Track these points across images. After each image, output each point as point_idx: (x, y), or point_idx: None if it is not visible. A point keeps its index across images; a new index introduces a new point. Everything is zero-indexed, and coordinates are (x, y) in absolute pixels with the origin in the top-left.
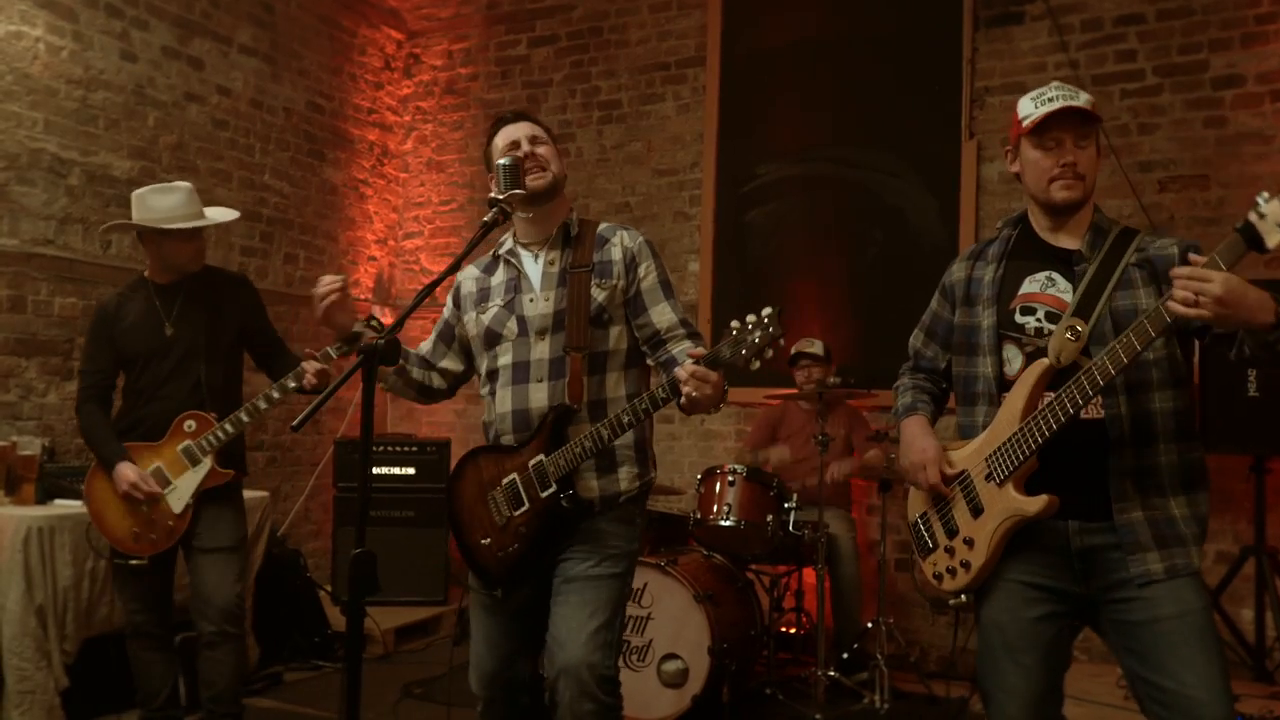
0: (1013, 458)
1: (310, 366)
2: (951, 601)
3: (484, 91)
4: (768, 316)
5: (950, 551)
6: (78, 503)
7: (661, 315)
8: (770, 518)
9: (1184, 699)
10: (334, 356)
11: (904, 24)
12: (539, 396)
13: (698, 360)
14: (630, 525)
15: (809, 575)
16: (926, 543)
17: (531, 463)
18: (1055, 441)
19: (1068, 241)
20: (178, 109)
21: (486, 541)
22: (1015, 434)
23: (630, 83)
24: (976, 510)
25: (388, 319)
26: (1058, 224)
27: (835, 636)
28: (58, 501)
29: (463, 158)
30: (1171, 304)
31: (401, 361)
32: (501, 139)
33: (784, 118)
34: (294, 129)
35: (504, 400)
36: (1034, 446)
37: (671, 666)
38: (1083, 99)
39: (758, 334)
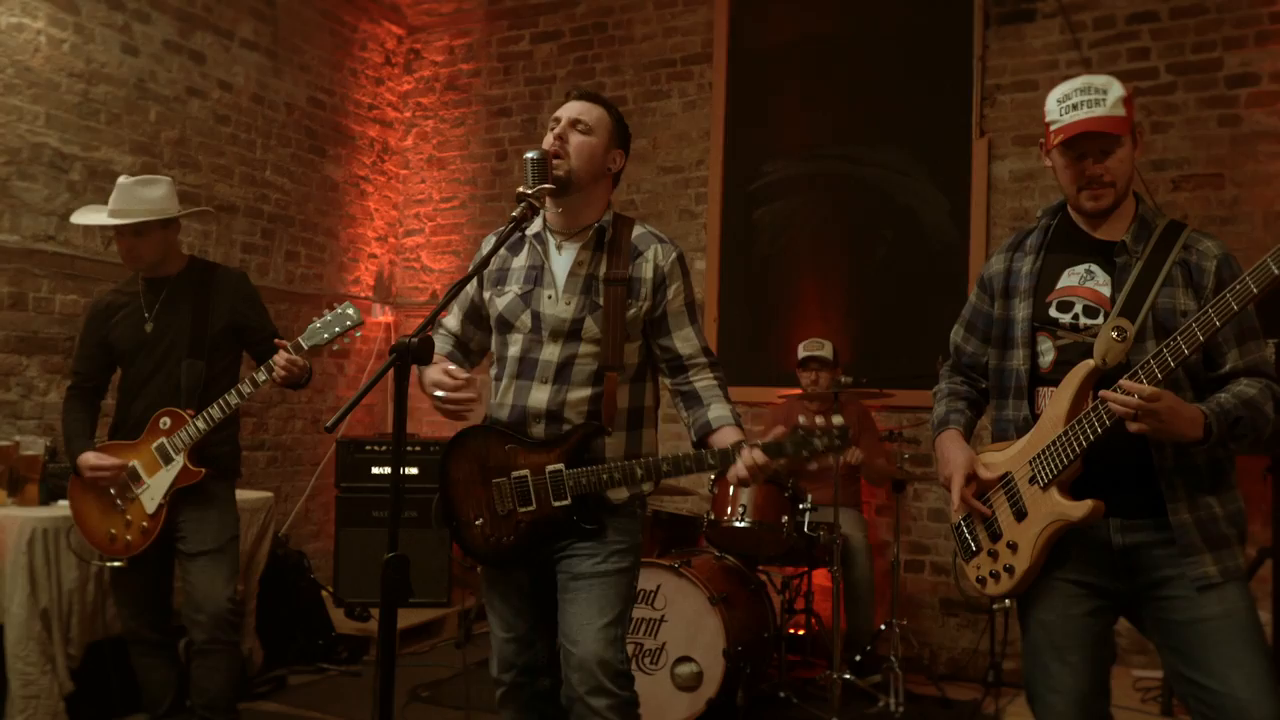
0: (1057, 461)
1: (280, 359)
2: (995, 606)
3: (486, 88)
4: (839, 430)
5: (994, 555)
6: None
7: (685, 342)
8: (785, 519)
9: (1230, 700)
10: (304, 347)
11: (914, 21)
12: (539, 398)
13: (757, 446)
14: (631, 519)
15: (818, 576)
16: (970, 546)
17: (550, 468)
18: (1101, 443)
19: (1109, 233)
20: (179, 103)
21: (479, 522)
22: (1060, 437)
23: (635, 79)
24: (1020, 514)
25: (387, 317)
26: (1098, 218)
27: (847, 638)
28: (61, 502)
29: (464, 154)
30: (1113, 405)
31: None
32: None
33: (792, 115)
34: (295, 124)
35: (505, 393)
36: (1079, 450)
37: (686, 670)
38: (1109, 101)
39: (823, 441)
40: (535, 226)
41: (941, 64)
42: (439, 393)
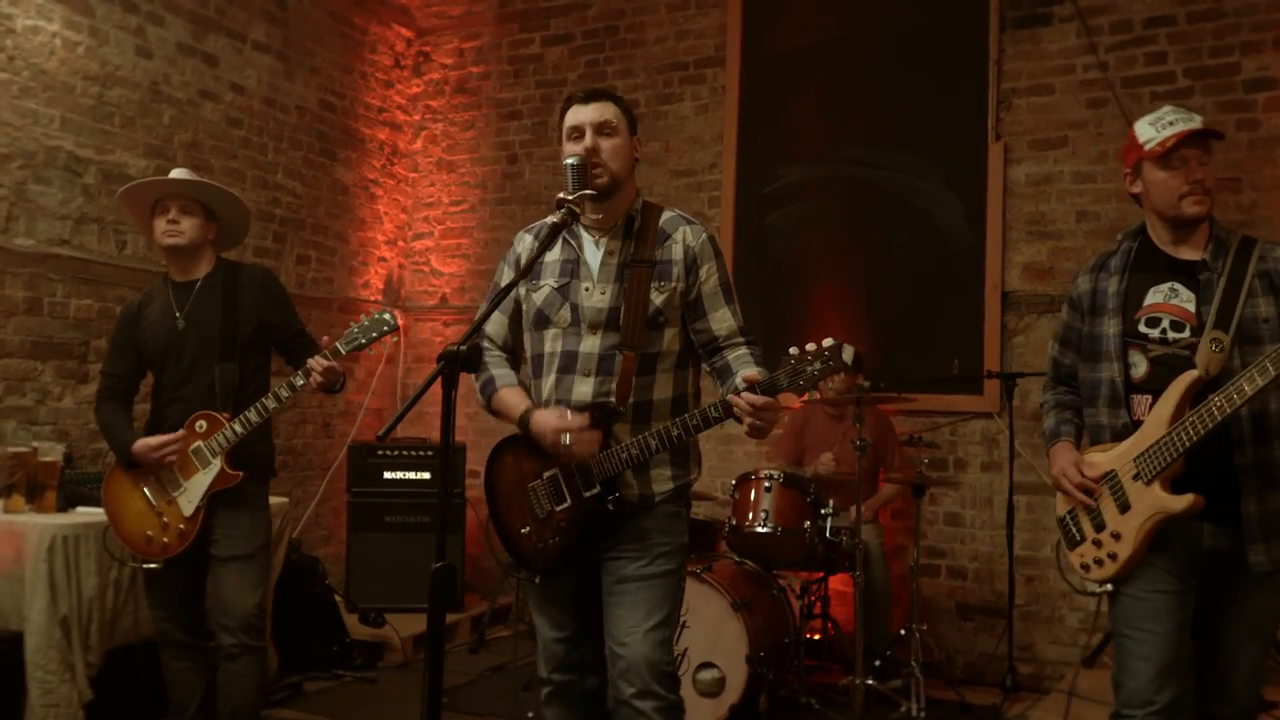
0: (1161, 459)
1: (317, 364)
2: (1098, 589)
3: (496, 91)
4: (829, 350)
5: (1098, 544)
6: (100, 510)
7: (720, 322)
8: (808, 524)
9: (1225, 679)
10: (342, 353)
11: (929, 24)
12: (583, 390)
13: (752, 386)
14: (676, 520)
15: (835, 582)
16: (1075, 536)
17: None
18: (1200, 447)
19: (1188, 253)
20: (192, 106)
21: (525, 530)
22: (1165, 438)
23: (647, 82)
24: (1124, 507)
25: (397, 321)
26: (1180, 237)
27: (865, 643)
28: (80, 509)
29: (474, 157)
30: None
31: (514, 372)
32: (569, 121)
33: (806, 119)
34: (306, 127)
35: (549, 389)
36: (1182, 449)
37: (707, 675)
38: (1198, 121)
39: (818, 365)
40: None
41: (957, 67)
42: (567, 438)
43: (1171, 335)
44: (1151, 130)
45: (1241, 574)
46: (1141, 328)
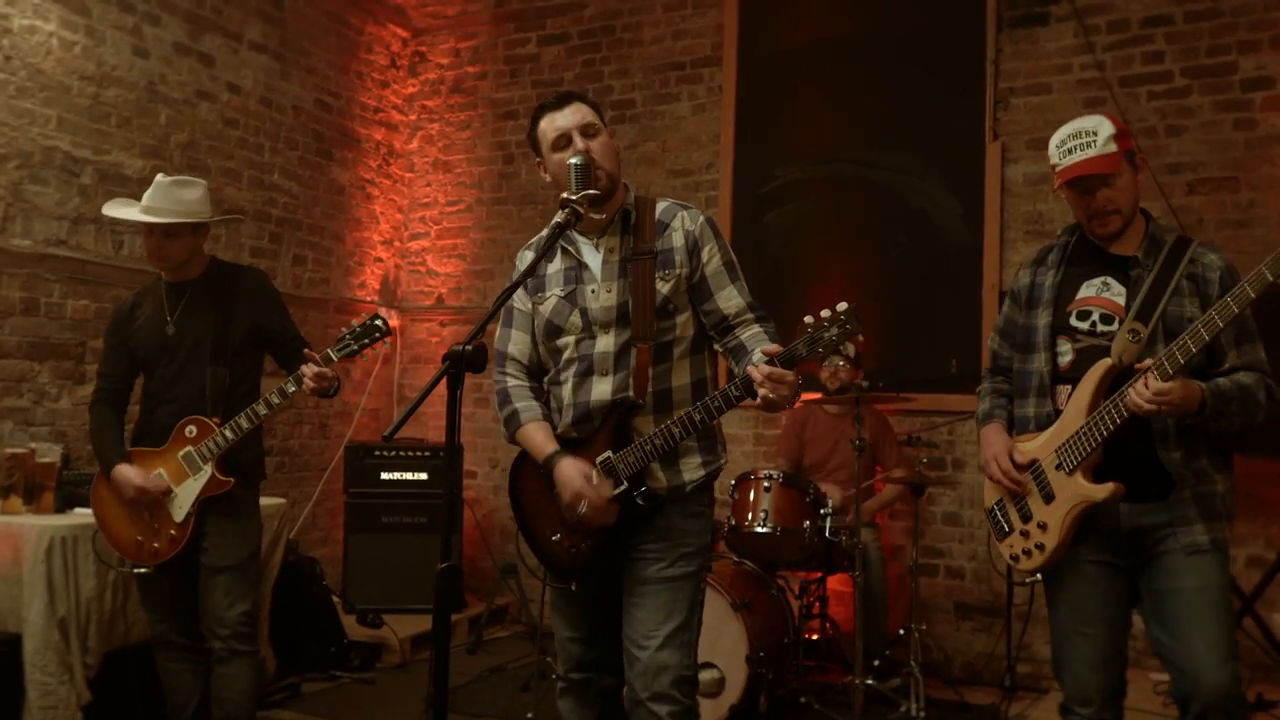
0: (1081, 449)
1: (309, 370)
2: (1028, 579)
3: (492, 90)
4: (844, 313)
5: (1025, 535)
6: None
7: (729, 301)
8: (807, 524)
9: (1190, 662)
10: (334, 359)
11: (926, 24)
12: (602, 389)
13: (772, 359)
14: (700, 519)
15: (833, 581)
16: (1003, 527)
17: (599, 459)
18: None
19: (1122, 249)
20: (189, 106)
21: (556, 538)
22: (1083, 428)
23: (644, 82)
24: (1048, 497)
25: (393, 321)
26: (1109, 239)
27: (864, 643)
28: (78, 510)
29: (470, 157)
30: (1136, 401)
31: (539, 405)
32: (549, 128)
33: (803, 118)
34: (302, 127)
35: (567, 393)
36: (1100, 439)
37: (707, 676)
38: (1100, 141)
39: (835, 330)
40: None
41: (954, 67)
42: (584, 506)
43: (1101, 328)
44: (1056, 154)
45: (1169, 553)
46: (1073, 321)
